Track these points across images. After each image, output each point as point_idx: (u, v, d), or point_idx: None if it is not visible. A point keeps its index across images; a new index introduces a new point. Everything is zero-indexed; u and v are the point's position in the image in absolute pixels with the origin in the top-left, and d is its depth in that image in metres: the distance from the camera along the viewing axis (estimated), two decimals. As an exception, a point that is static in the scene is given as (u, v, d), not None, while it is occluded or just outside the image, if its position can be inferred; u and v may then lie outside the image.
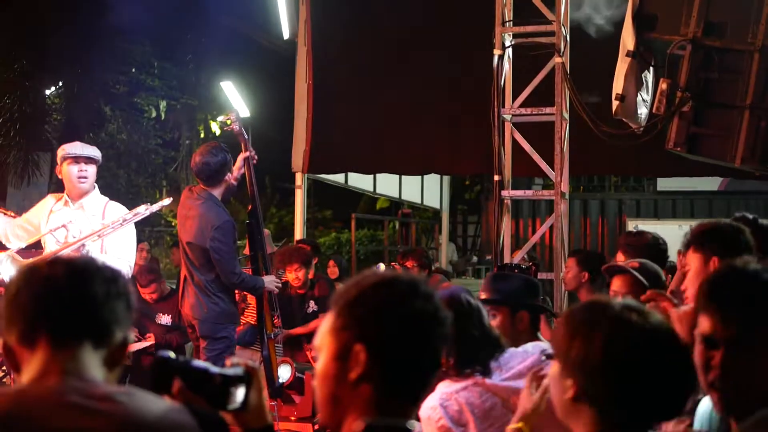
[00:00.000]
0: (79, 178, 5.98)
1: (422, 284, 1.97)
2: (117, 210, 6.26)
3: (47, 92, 18.07)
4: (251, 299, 7.48)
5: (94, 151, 6.22)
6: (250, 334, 7.67)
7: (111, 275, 2.06)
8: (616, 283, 4.37)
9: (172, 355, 2.09)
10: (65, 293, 1.99)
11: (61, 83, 17.67)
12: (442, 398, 3.29)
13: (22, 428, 1.87)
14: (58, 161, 6.04)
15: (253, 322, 7.56)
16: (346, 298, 1.95)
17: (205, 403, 2.06)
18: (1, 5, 15.24)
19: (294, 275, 8.11)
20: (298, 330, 8.07)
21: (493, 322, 3.71)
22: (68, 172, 6.00)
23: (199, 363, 2.12)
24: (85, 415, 1.89)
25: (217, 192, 6.58)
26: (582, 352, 1.98)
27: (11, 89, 16.61)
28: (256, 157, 6.81)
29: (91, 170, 6.17)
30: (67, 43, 16.03)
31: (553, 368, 2.08)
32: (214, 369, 2.10)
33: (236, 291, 6.85)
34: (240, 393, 2.08)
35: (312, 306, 8.25)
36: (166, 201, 6.49)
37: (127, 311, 2.07)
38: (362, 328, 1.90)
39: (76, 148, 6.06)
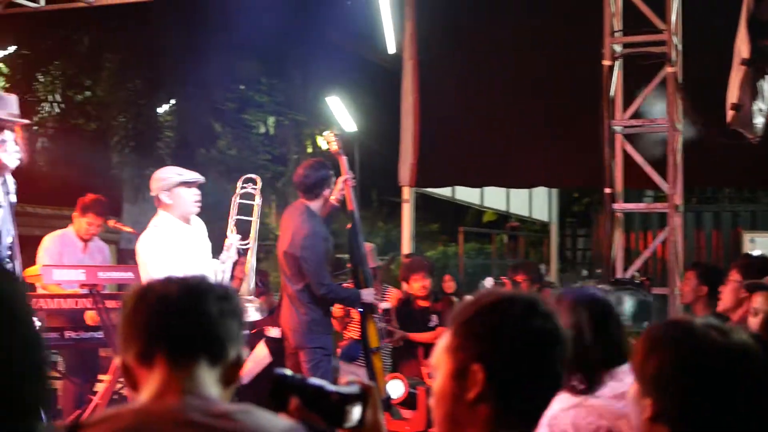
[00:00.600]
0: (196, 202, 6.10)
1: (541, 303, 1.95)
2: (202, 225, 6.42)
3: (160, 110, 18.54)
4: (354, 313, 7.48)
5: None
6: (354, 349, 7.67)
7: (224, 293, 2.07)
8: (759, 300, 4.25)
9: (288, 372, 2.09)
10: (180, 312, 2.01)
11: (173, 101, 18.13)
12: (551, 417, 3.19)
13: None
14: (162, 186, 6.09)
15: (356, 337, 7.56)
16: (463, 317, 1.94)
17: (322, 422, 2.05)
18: (114, 27, 15.70)
19: (420, 284, 8.05)
20: (417, 336, 7.95)
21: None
22: (183, 195, 6.09)
23: (316, 380, 2.11)
24: None
25: (315, 206, 6.69)
26: (657, 370, 1.90)
27: (126, 108, 17.10)
28: (353, 180, 6.91)
29: None
30: (178, 62, 16.43)
31: (632, 388, 2.00)
32: (330, 387, 2.09)
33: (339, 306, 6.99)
34: (356, 411, 2.06)
35: (434, 320, 8.17)
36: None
37: (240, 329, 2.08)
38: (480, 348, 1.88)
39: (190, 174, 6.16)
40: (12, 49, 16.37)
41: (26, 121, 4.90)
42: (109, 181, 15.88)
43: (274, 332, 8.53)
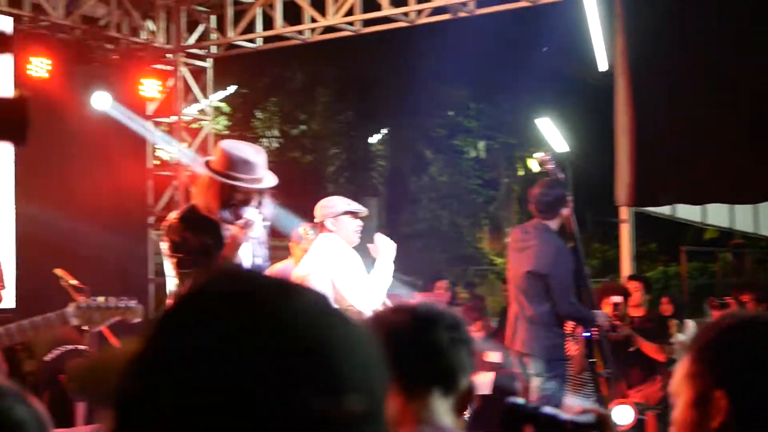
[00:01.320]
0: (357, 232, 6.13)
1: None
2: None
3: (372, 140, 18.94)
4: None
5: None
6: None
7: (453, 322, 2.06)
8: None
9: (521, 400, 2.03)
10: (413, 342, 2.01)
11: (384, 131, 18.48)
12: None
13: None
14: (328, 213, 6.14)
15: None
16: (702, 342, 1.83)
17: None
18: (324, 61, 16.17)
19: (608, 308, 7.82)
20: (645, 345, 7.63)
21: None
22: (347, 224, 6.10)
23: (550, 410, 2.04)
24: None
25: (553, 224, 6.54)
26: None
27: (339, 140, 17.58)
28: (571, 200, 6.75)
29: None
30: (388, 92, 16.74)
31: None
32: (565, 416, 2.02)
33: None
34: None
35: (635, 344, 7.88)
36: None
37: (470, 357, 2.07)
38: (722, 374, 1.77)
39: (356, 205, 6.20)
40: (232, 89, 17.17)
41: (269, 185, 4.72)
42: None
43: (494, 357, 8.46)
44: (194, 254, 4.52)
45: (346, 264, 5.70)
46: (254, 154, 4.63)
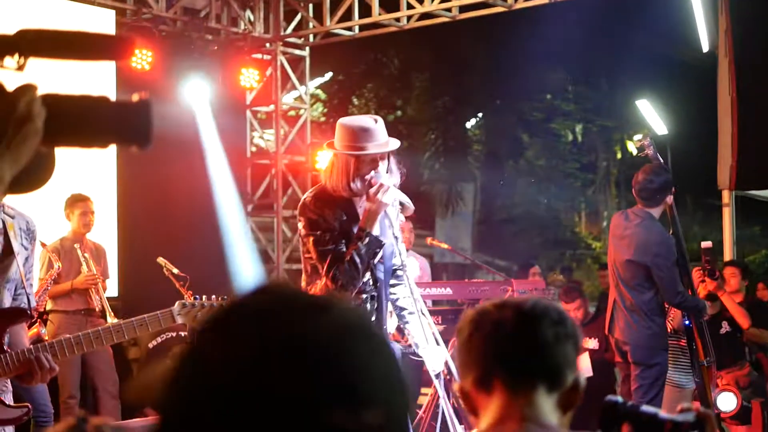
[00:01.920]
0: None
1: None
2: None
3: (468, 125, 18.87)
4: None
5: None
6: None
7: (558, 317, 2.04)
8: None
9: (619, 399, 2.03)
10: (517, 338, 2.00)
11: (480, 115, 18.39)
12: None
13: None
14: None
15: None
16: None
17: None
18: (420, 46, 16.16)
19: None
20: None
21: None
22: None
23: (649, 408, 2.04)
24: None
25: (656, 212, 6.42)
26: None
27: (435, 125, 17.57)
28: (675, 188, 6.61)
29: None
30: (484, 76, 16.65)
31: None
32: (664, 415, 2.00)
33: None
34: None
35: (725, 327, 7.72)
36: None
37: (576, 352, 2.04)
38: None
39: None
40: (328, 75, 17.30)
41: (393, 148, 4.53)
42: (422, 196, 16.35)
43: (591, 344, 8.40)
44: (331, 231, 4.45)
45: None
46: (371, 121, 4.52)
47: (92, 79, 9.07)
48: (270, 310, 1.02)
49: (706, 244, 7.63)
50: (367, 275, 4.52)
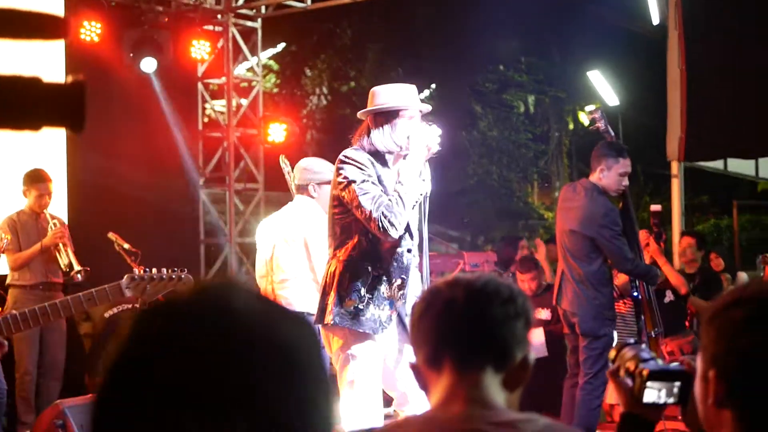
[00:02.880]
0: None
1: None
2: None
3: (421, 95, 18.87)
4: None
5: None
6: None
7: (509, 295, 2.03)
8: None
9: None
10: (467, 318, 2.00)
11: (433, 86, 18.38)
12: None
13: None
14: (314, 179, 6.10)
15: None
16: (705, 316, 1.76)
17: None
18: (373, 17, 16.11)
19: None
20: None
21: None
22: (326, 194, 6.11)
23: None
24: None
25: (603, 183, 6.47)
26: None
27: (388, 96, 17.52)
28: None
29: None
30: (437, 46, 16.64)
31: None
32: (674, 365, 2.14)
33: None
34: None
35: (669, 296, 7.84)
36: None
37: (527, 330, 2.03)
38: (714, 352, 1.70)
39: None
40: (281, 46, 17.18)
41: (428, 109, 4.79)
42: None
43: (543, 314, 8.48)
44: (372, 178, 4.52)
45: (321, 232, 5.39)
46: (403, 86, 4.79)
47: (40, 50, 8.97)
48: (198, 313, 1.07)
49: (655, 207, 7.74)
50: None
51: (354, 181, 4.49)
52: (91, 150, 9.11)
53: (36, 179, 7.26)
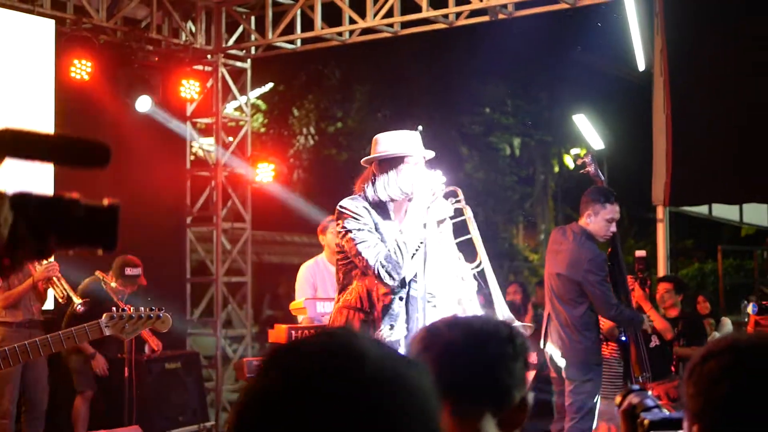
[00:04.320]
0: None
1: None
2: None
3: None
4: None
5: None
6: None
7: (508, 335, 2.02)
8: None
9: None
10: (465, 360, 1.98)
11: (420, 128, 18.46)
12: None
13: None
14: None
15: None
16: (685, 374, 1.77)
17: None
18: (361, 59, 16.20)
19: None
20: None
21: None
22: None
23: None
24: None
25: (592, 228, 6.51)
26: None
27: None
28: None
29: None
30: (424, 89, 16.74)
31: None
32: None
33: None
34: None
35: (655, 341, 7.86)
36: None
37: (525, 370, 2.01)
38: (694, 408, 1.72)
39: None
40: (269, 86, 17.25)
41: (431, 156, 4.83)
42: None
43: (531, 358, 8.47)
44: (370, 227, 4.57)
45: None
46: (407, 132, 4.80)
47: (32, 88, 8.99)
48: (318, 354, 1.10)
49: (640, 253, 7.79)
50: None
51: (350, 231, 4.56)
52: (79, 188, 9.05)
53: None
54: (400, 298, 4.63)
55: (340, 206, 4.65)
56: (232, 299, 11.34)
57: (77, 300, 7.07)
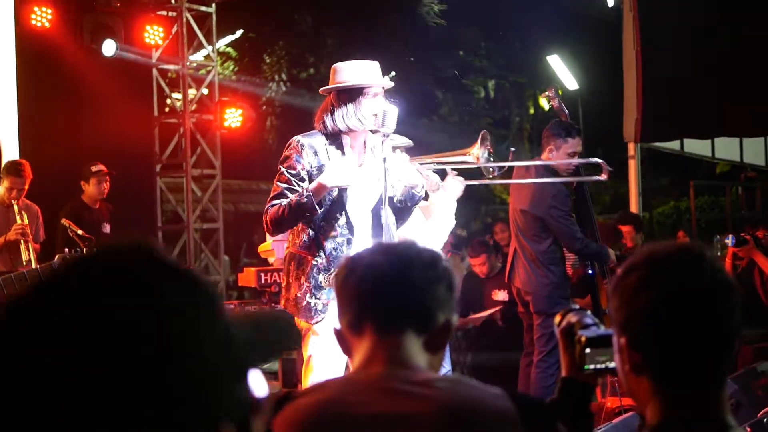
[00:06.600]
0: None
1: (694, 258, 1.73)
2: None
3: (381, 81, 18.81)
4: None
5: None
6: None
7: (431, 259, 2.06)
8: None
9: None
10: (388, 283, 2.02)
11: (393, 72, 18.36)
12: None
13: (348, 413, 1.94)
14: None
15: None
16: (609, 289, 1.79)
17: None
18: (332, 3, 16.06)
19: None
20: None
21: None
22: None
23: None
24: (404, 399, 1.92)
25: (554, 164, 6.51)
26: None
27: (348, 82, 17.48)
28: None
29: None
30: (397, 33, 16.62)
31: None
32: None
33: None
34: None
35: None
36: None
37: (450, 293, 2.06)
38: (619, 320, 1.73)
39: None
40: (239, 33, 17.07)
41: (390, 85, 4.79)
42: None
43: (501, 295, 8.53)
44: (296, 174, 4.48)
45: None
46: (366, 62, 4.71)
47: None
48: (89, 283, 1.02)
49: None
50: (342, 218, 4.54)
51: (280, 169, 4.54)
52: (44, 137, 9.01)
53: (10, 172, 7.21)
54: (348, 240, 4.58)
55: (290, 142, 4.60)
56: (205, 246, 11.32)
57: (34, 266, 7.01)
